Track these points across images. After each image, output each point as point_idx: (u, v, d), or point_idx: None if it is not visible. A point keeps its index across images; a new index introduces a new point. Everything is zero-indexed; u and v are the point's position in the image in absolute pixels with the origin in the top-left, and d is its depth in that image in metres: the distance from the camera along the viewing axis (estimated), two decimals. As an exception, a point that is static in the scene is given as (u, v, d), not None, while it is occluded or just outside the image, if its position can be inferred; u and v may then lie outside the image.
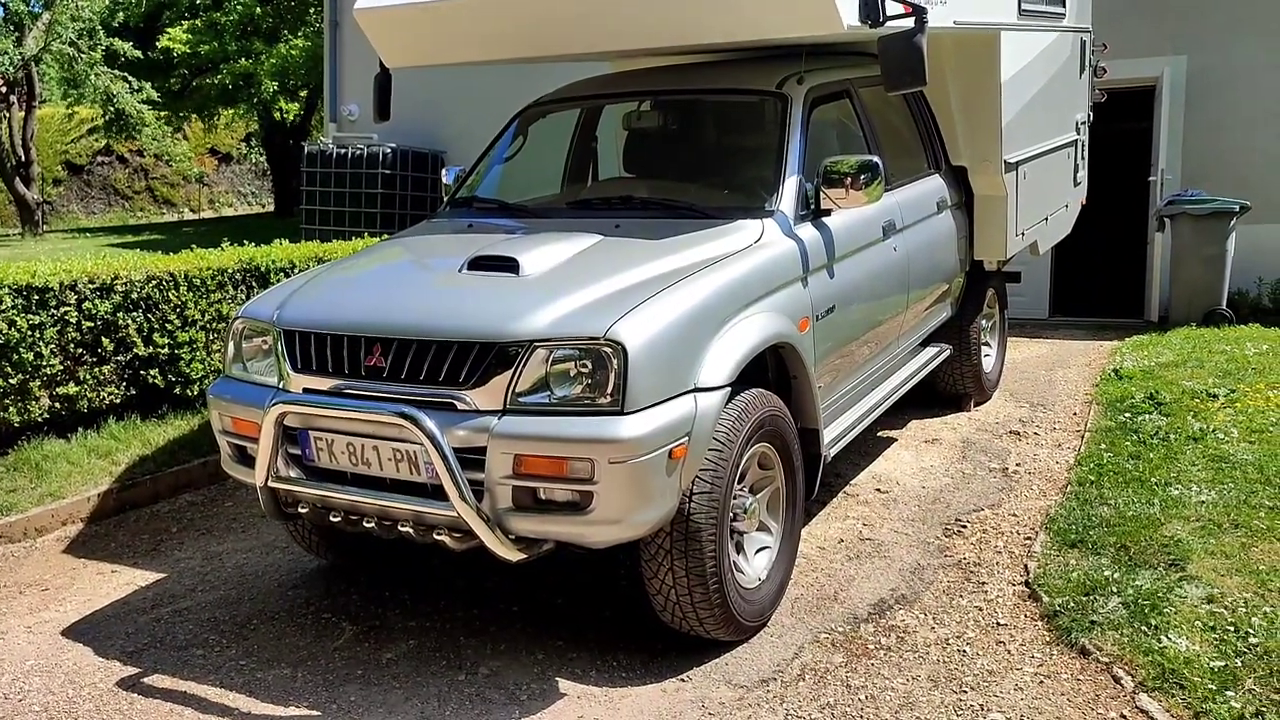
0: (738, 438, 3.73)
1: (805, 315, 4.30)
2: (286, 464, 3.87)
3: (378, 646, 4.04)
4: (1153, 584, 4.00)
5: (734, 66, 5.19)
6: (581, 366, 3.47)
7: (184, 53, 17.95)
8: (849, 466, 5.75)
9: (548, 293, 3.66)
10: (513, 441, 3.42)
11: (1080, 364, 7.97)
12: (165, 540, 5.28)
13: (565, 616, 4.22)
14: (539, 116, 5.42)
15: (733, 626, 3.84)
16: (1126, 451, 5.47)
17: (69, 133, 23.47)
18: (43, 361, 5.60)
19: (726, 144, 4.96)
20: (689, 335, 3.61)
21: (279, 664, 3.93)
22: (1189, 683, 3.39)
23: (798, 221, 4.41)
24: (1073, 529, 4.60)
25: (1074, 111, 7.74)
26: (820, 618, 4.15)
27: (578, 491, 3.42)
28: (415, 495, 3.62)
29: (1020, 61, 6.21)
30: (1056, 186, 7.38)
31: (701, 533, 3.62)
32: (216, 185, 27.24)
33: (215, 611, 4.41)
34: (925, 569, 4.53)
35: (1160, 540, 4.34)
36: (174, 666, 3.94)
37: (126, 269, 5.90)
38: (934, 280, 5.76)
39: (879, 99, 5.36)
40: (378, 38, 5.00)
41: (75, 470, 5.65)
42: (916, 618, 4.11)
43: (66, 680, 3.87)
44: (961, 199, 6.21)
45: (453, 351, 3.55)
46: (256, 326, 4.06)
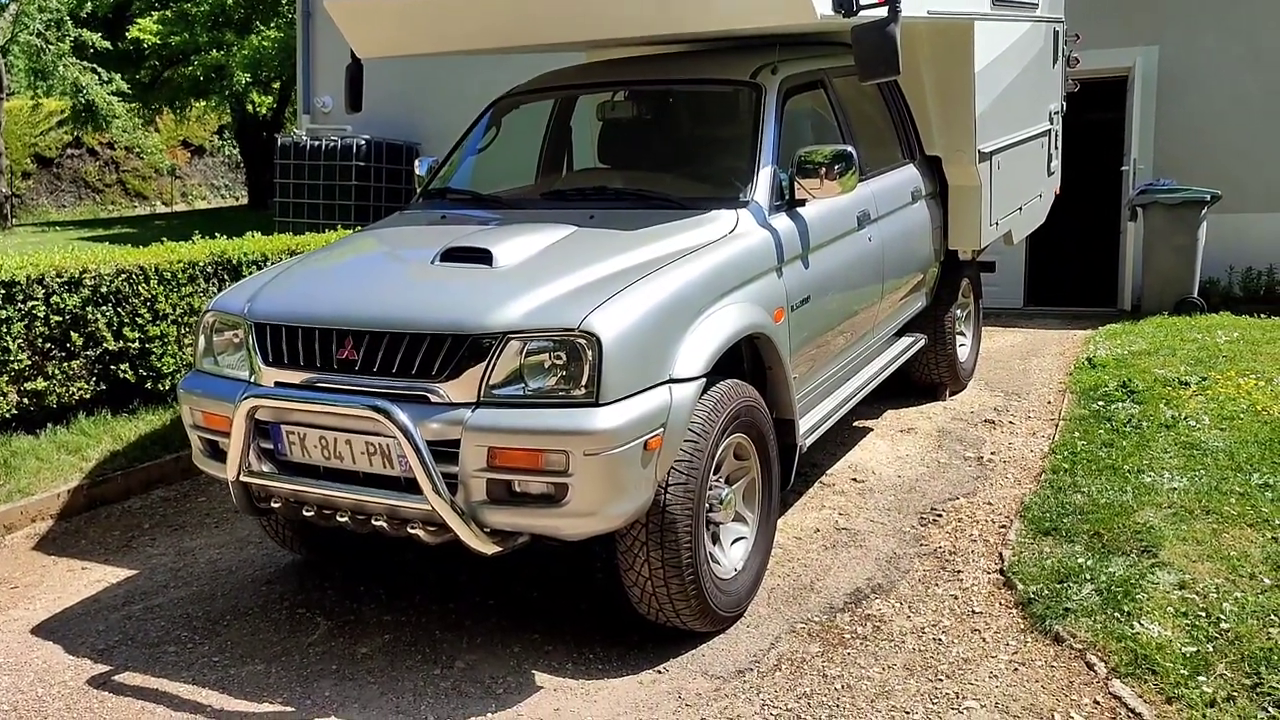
0: (713, 429, 3.72)
1: (780, 306, 4.29)
2: (259, 458, 3.83)
3: (352, 641, 4.02)
4: (1125, 571, 4.02)
5: (708, 57, 5.17)
6: (556, 358, 3.45)
7: (154, 44, 17.76)
8: (825, 456, 5.75)
9: (521, 284, 3.64)
10: (487, 434, 3.40)
11: (1054, 353, 8.01)
12: (137, 537, 5.23)
13: (541, 609, 4.20)
14: (512, 107, 5.38)
15: (709, 617, 3.84)
16: (1100, 439, 5.51)
17: (38, 125, 23.16)
18: (10, 356, 5.53)
19: (701, 134, 4.94)
20: (663, 326, 3.60)
21: (252, 660, 3.90)
22: (1161, 668, 3.42)
23: (772, 212, 4.40)
24: (1047, 517, 4.62)
25: (1047, 102, 7.77)
26: (797, 608, 4.15)
27: (552, 484, 3.40)
28: (389, 489, 3.59)
29: (994, 52, 6.23)
30: (1030, 176, 7.40)
31: (677, 524, 3.61)
32: (189, 178, 26.98)
33: (188, 608, 4.37)
34: (901, 558, 4.54)
35: (1133, 527, 4.37)
36: (145, 664, 3.90)
37: (95, 262, 5.84)
38: (909, 270, 5.77)
39: (853, 89, 5.36)
40: (349, 29, 4.96)
41: (44, 467, 5.58)
42: (893, 607, 4.12)
43: (36, 679, 3.82)
44: (936, 189, 6.22)
45: (425, 344, 3.52)
46: (227, 320, 4.02)
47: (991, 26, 6.16)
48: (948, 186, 6.27)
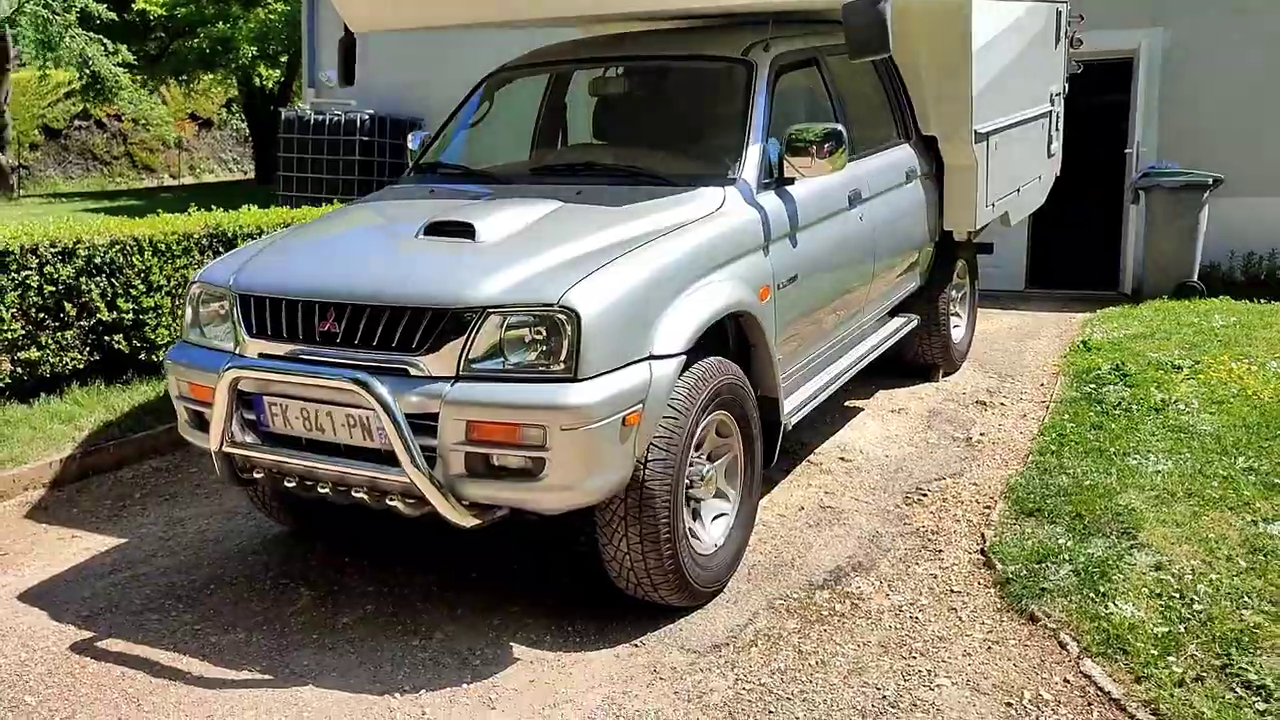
0: (694, 405, 3.74)
1: (766, 284, 4.30)
2: (242, 429, 3.85)
3: (334, 612, 4.05)
4: (1104, 552, 4.03)
5: (702, 33, 5.16)
6: (535, 333, 3.46)
7: (161, 16, 17.76)
8: (814, 435, 5.77)
9: (502, 259, 3.65)
10: (465, 408, 3.42)
11: (1051, 335, 8.00)
12: (128, 506, 5.27)
13: (525, 582, 4.23)
14: (505, 82, 5.38)
15: (687, 592, 3.86)
16: (1089, 422, 5.51)
17: (46, 96, 23.20)
18: (3, 326, 5.57)
19: (691, 111, 4.93)
20: (644, 302, 3.60)
21: (234, 629, 3.94)
22: (1132, 648, 3.43)
23: (760, 189, 4.40)
24: (1030, 498, 4.63)
25: (1048, 83, 7.72)
26: (776, 584, 4.17)
27: (530, 458, 3.42)
28: (369, 461, 3.61)
29: (992, 31, 6.19)
30: (1029, 158, 7.37)
31: (656, 499, 3.63)
32: (197, 151, 26.99)
33: (173, 577, 4.41)
34: (883, 537, 4.55)
35: (1114, 509, 4.38)
36: (128, 631, 3.94)
37: (89, 233, 5.86)
38: (901, 250, 5.76)
39: (848, 68, 5.32)
40: (342, 1, 4.95)
41: (37, 436, 5.62)
42: (872, 585, 4.14)
43: (20, 644, 3.87)
44: (932, 169, 6.20)
45: (406, 317, 3.53)
46: (213, 291, 4.04)
47: (989, 6, 6.12)
48: (944, 167, 6.24)
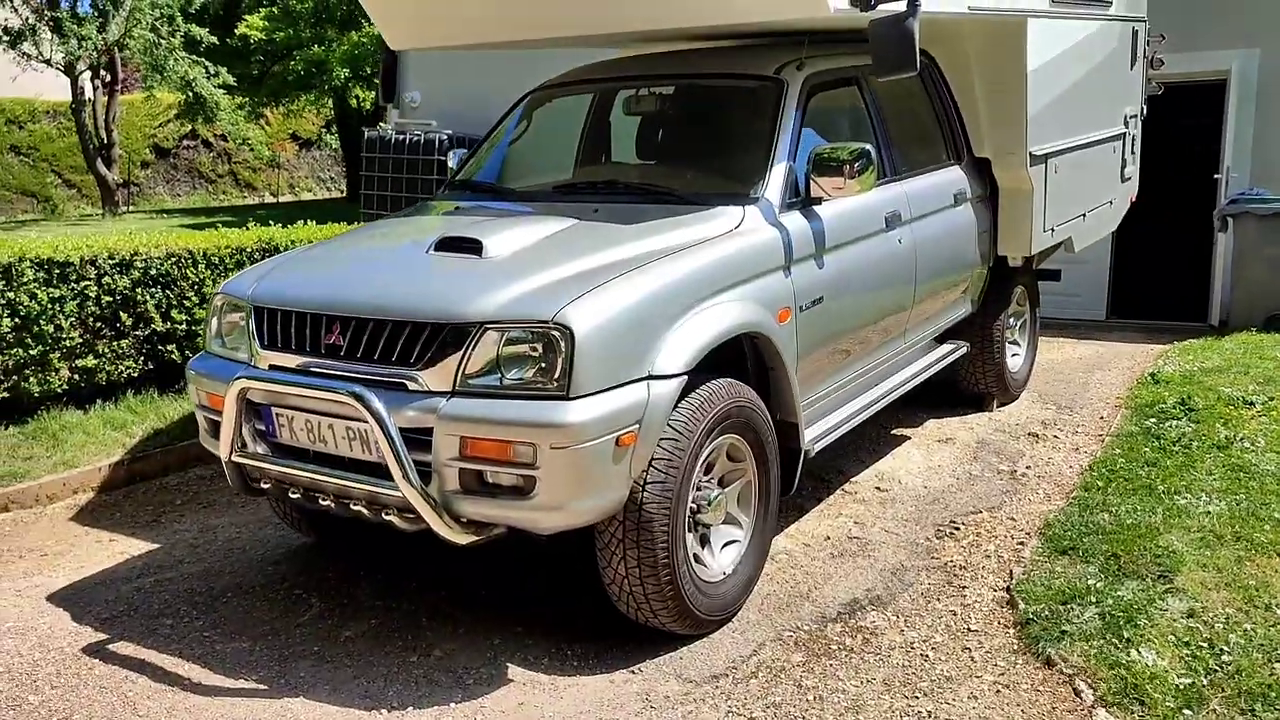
0: (697, 428, 3.65)
1: (786, 305, 4.19)
2: (254, 439, 3.90)
3: (340, 624, 4.06)
4: (1134, 595, 3.81)
5: (738, 52, 5.09)
6: (532, 350, 3.42)
7: (260, 39, 18.38)
8: (853, 463, 5.61)
9: (505, 275, 3.63)
10: (459, 423, 3.40)
11: (1122, 367, 7.67)
12: (167, 512, 5.38)
13: (531, 602, 4.19)
14: (544, 100, 5.38)
15: (689, 620, 3.77)
16: (1143, 458, 5.24)
17: (157, 117, 24.17)
18: (62, 334, 5.76)
19: (720, 130, 4.85)
20: (644, 321, 3.54)
21: (241, 637, 3.97)
22: (1151, 699, 3.23)
23: (784, 209, 4.30)
24: (1067, 535, 4.42)
25: (1122, 104, 7.44)
26: (788, 615, 4.05)
27: (521, 476, 3.38)
28: (370, 475, 3.61)
29: (1052, 50, 5.98)
30: (1098, 182, 7.10)
31: (654, 523, 3.55)
32: (297, 170, 27.82)
33: (194, 583, 4.48)
34: (908, 570, 4.39)
35: (1154, 551, 4.14)
36: (140, 635, 4.01)
37: (146, 246, 6.04)
38: (947, 275, 5.58)
39: (894, 88, 5.21)
40: (380, 18, 5.03)
41: (90, 441, 5.79)
42: (887, 619, 3.99)
43: (37, 643, 3.96)
44: (986, 192, 6.01)
45: (406, 331, 3.53)
46: (234, 302, 4.10)
47: (1049, 24, 5.91)
48: (998, 190, 6.04)
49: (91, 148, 17.42)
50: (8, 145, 22.33)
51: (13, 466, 5.51)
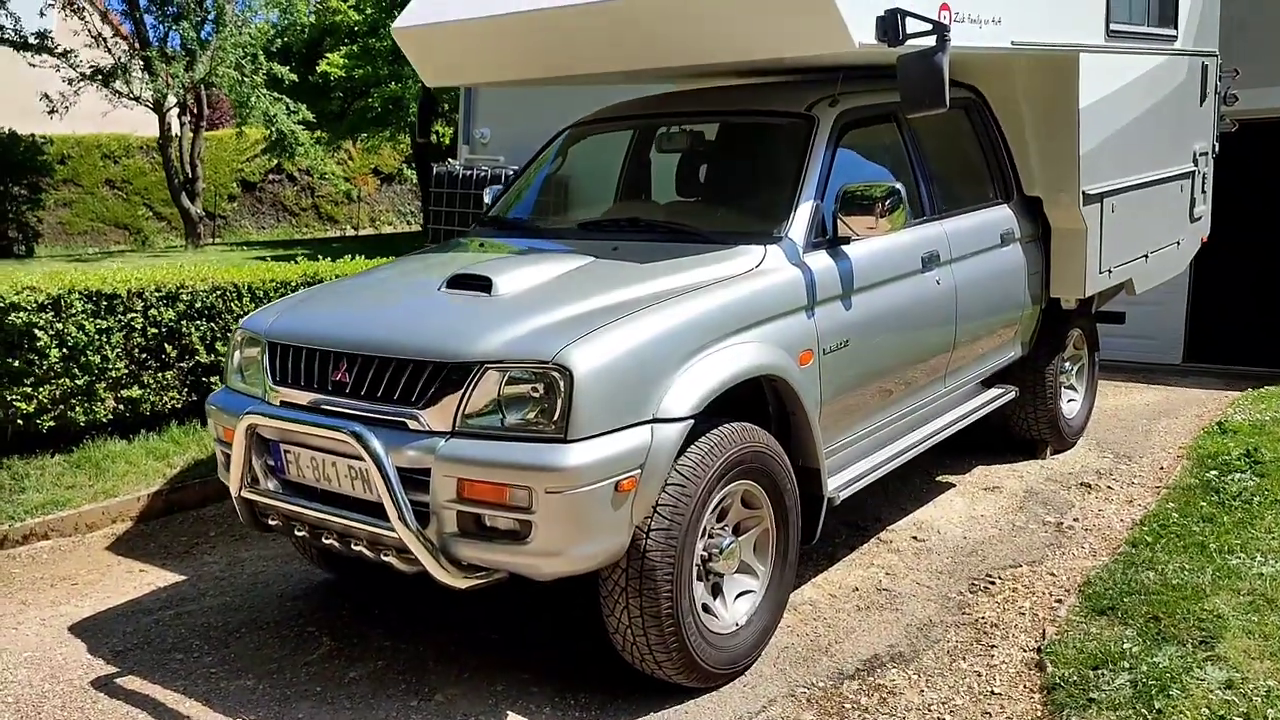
0: (706, 473, 3.54)
1: (808, 348, 4.06)
2: (265, 475, 3.89)
3: (347, 664, 4.01)
4: (1171, 662, 3.58)
5: (775, 88, 4.99)
6: (533, 391, 3.35)
7: (340, 76, 18.83)
8: (892, 510, 5.42)
9: (510, 314, 3.57)
10: (456, 464, 3.34)
11: (1191, 415, 7.33)
12: (200, 543, 5.42)
13: (539, 646, 4.09)
14: (578, 137, 5.35)
15: (696, 673, 3.64)
16: (1199, 513, 4.97)
17: (244, 152, 24.90)
18: (109, 364, 5.86)
19: (749, 167, 4.76)
20: (649, 363, 3.44)
21: (247, 674, 3.94)
22: (1178, 778, 3.01)
23: (809, 249, 4.18)
24: (1107, 594, 4.18)
25: (1191, 141, 7.16)
26: (804, 670, 3.89)
27: (518, 520, 3.30)
28: (371, 515, 3.56)
29: (1109, 86, 5.77)
30: (1162, 221, 6.82)
31: (657, 571, 3.44)
32: (378, 204, 28.39)
33: (212, 617, 4.48)
34: (935, 626, 4.20)
35: (1198, 614, 3.90)
36: (149, 669, 4.00)
37: (192, 279, 6.13)
38: (993, 316, 5.38)
39: (938, 123, 5.06)
40: (415, 56, 5.04)
41: (132, 470, 5.88)
42: (908, 678, 3.80)
43: (49, 674, 3.98)
44: (1037, 231, 5.80)
45: (408, 369, 3.49)
46: (251, 337, 4.11)
47: (1105, 59, 5.71)
48: (1051, 229, 5.83)
49: (176, 182, 17.98)
50: (103, 179, 23.20)
51: (56, 495, 5.61)
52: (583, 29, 4.42)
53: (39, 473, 5.71)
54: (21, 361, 5.61)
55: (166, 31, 17.37)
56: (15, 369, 5.62)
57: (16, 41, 16.79)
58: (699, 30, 4.17)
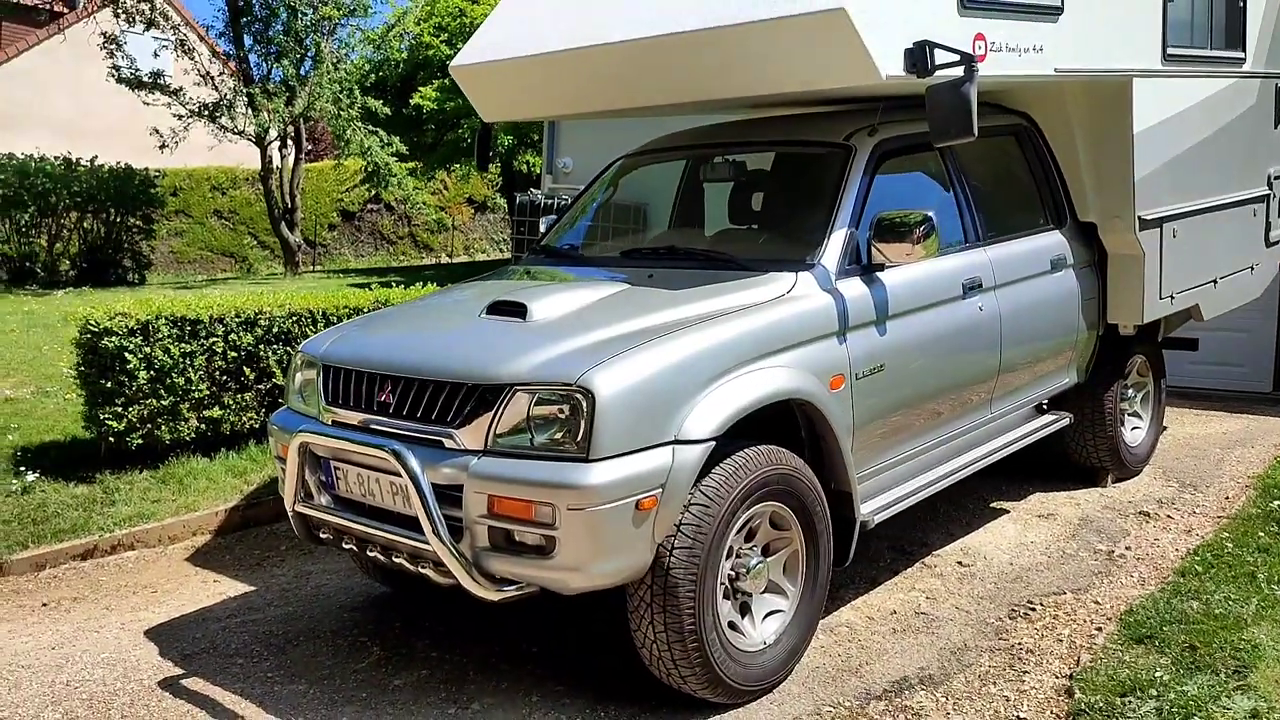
0: (730, 494, 3.65)
1: (840, 372, 4.14)
2: (318, 491, 4.12)
3: (393, 672, 4.20)
4: (1200, 690, 3.55)
5: (815, 118, 5.10)
6: (560, 412, 3.51)
7: (432, 109, 19.42)
8: (941, 535, 5.44)
9: (542, 339, 3.74)
10: (486, 482, 3.51)
11: (1269, 445, 7.14)
12: (271, 557, 5.70)
13: (577, 662, 4.23)
14: (630, 168, 5.53)
15: (721, 689, 3.73)
16: (1255, 543, 4.88)
17: (344, 182, 25.78)
18: (192, 386, 6.21)
19: (787, 196, 4.87)
20: (671, 386, 3.57)
21: (300, 680, 4.17)
22: (1189, 805, 3.00)
23: (842, 276, 4.27)
24: (1147, 623, 4.16)
25: (1264, 164, 7.02)
26: (831, 690, 3.95)
27: (543, 536, 3.45)
28: (412, 529, 3.74)
29: (1166, 110, 5.73)
30: (1232, 245, 6.70)
31: (679, 588, 3.56)
32: (471, 232, 29.06)
33: (274, 626, 4.72)
34: (969, 651, 4.22)
35: (1234, 643, 3.86)
36: (212, 672, 4.25)
37: (270, 305, 6.46)
38: (1042, 342, 5.37)
39: (984, 150, 5.12)
40: (472, 93, 5.28)
41: (212, 486, 6.20)
42: (935, 701, 3.84)
43: (122, 674, 4.26)
44: (1093, 257, 5.77)
45: (445, 391, 3.68)
46: (309, 360, 4.35)
47: (1162, 83, 5.67)
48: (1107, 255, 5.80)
49: (276, 212, 18.71)
50: (211, 210, 24.25)
51: (142, 508, 5.95)
52: (630, 65, 4.59)
53: (128, 487, 6.07)
54: (113, 383, 5.99)
55: (269, 69, 18.14)
56: (107, 390, 6.00)
57: (133, 81, 17.74)
58: (736, 64, 4.31)
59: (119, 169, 17.43)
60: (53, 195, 16.76)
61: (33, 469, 6.17)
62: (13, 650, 4.51)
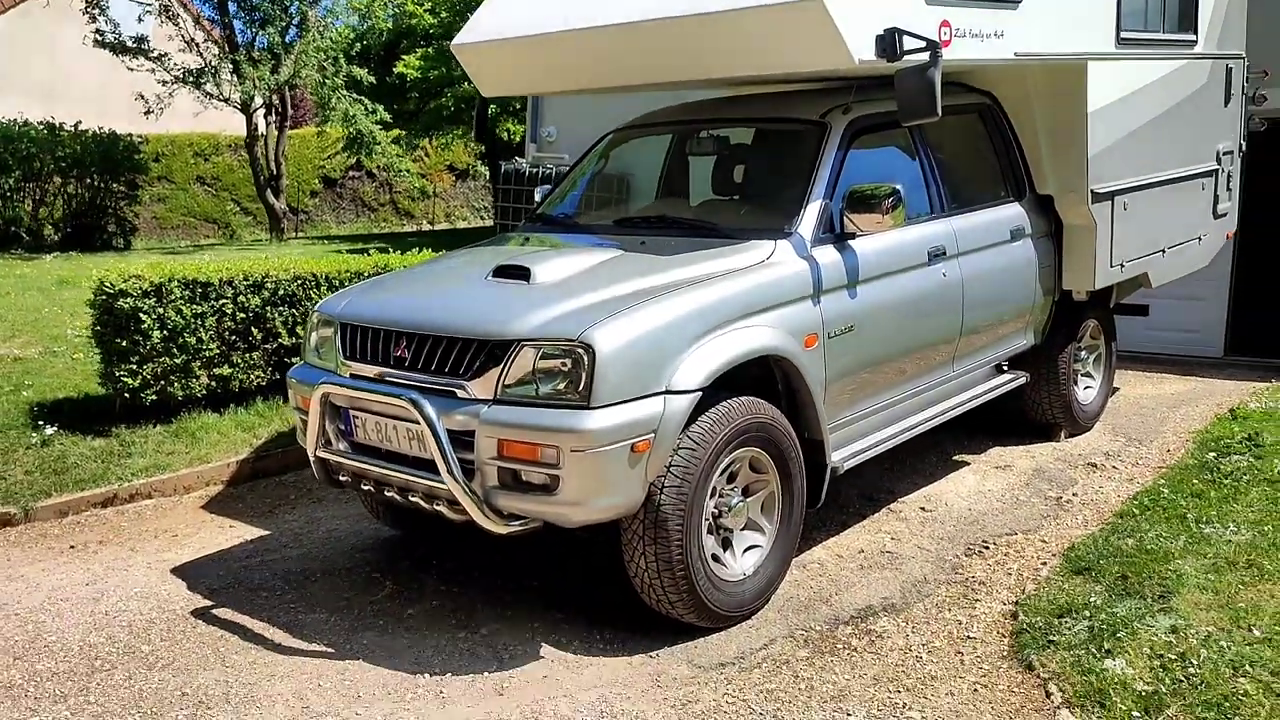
0: (714, 439, 4.06)
1: (813, 332, 4.55)
2: (336, 438, 4.51)
3: (406, 604, 4.62)
4: (1127, 612, 4.02)
5: (795, 97, 5.48)
6: (562, 365, 3.91)
7: (416, 78, 19.64)
8: (906, 485, 5.89)
9: (545, 299, 4.13)
10: (496, 427, 3.90)
11: (1212, 404, 7.62)
12: (281, 505, 6.08)
13: (575, 595, 4.65)
14: (620, 141, 5.90)
15: (704, 613, 4.17)
16: (1189, 489, 5.35)
17: (325, 150, 25.93)
18: (203, 345, 6.56)
19: (767, 169, 5.26)
20: (663, 342, 3.97)
21: (320, 609, 4.58)
22: (1112, 703, 3.46)
23: (816, 244, 4.67)
24: (1087, 557, 4.62)
25: (1214, 141, 7.45)
26: (804, 616, 4.39)
27: (548, 475, 3.86)
28: (426, 470, 4.14)
29: (1119, 91, 6.14)
30: (1181, 218, 7.14)
31: (669, 523, 3.98)
32: (452, 200, 29.28)
33: (291, 564, 5.12)
34: (928, 583, 4.67)
35: (1161, 574, 4.32)
36: (239, 603, 4.65)
37: (276, 269, 6.81)
38: (1001, 306, 5.81)
39: (951, 127, 5.51)
40: (473, 69, 5.62)
41: (223, 440, 6.57)
42: (896, 625, 4.29)
43: (156, 605, 4.65)
44: (1050, 227, 6.20)
45: (457, 346, 4.07)
46: (326, 319, 4.73)
47: (1116, 66, 6.08)
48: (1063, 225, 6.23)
49: (262, 179, 18.93)
50: (194, 176, 24.37)
51: (158, 460, 6.32)
52: (622, 46, 4.96)
53: (143, 440, 6.43)
54: (128, 342, 6.34)
55: (253, 36, 18.30)
56: (123, 348, 6.35)
57: (116, 45, 17.85)
58: (721, 47, 4.68)
59: (103, 134, 17.59)
60: (37, 160, 16.92)
61: (50, 423, 6.51)
62: (50, 585, 4.89)
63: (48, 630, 4.41)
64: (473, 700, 3.80)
